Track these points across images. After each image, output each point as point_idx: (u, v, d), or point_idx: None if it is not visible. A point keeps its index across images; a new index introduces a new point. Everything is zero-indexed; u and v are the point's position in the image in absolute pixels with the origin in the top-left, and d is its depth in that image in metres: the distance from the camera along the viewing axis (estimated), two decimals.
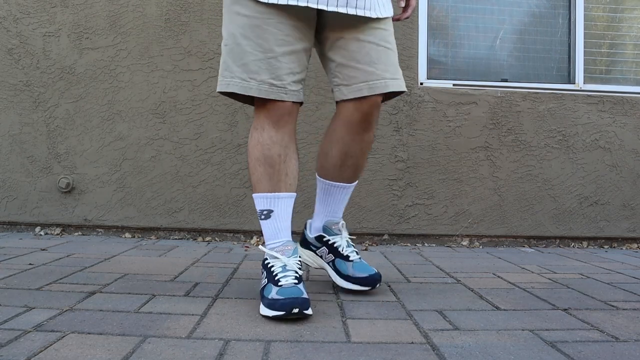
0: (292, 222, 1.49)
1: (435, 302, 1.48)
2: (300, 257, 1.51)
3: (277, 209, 1.42)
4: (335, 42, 1.44)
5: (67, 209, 2.65)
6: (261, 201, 1.42)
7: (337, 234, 1.60)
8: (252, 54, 1.34)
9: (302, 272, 1.40)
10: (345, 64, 1.44)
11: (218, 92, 1.41)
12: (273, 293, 1.29)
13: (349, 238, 1.62)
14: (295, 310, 1.24)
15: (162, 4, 2.65)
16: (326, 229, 1.61)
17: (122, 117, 2.65)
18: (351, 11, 1.36)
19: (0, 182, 2.65)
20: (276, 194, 1.41)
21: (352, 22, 1.42)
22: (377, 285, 1.54)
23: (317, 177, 1.62)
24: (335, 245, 1.59)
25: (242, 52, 1.35)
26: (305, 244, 1.68)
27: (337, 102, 1.51)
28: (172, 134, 2.65)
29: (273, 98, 1.36)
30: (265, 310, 1.29)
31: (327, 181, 1.58)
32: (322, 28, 1.47)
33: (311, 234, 1.65)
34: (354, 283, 1.53)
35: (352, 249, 1.59)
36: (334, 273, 1.58)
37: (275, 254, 1.38)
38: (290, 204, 1.45)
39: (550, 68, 2.92)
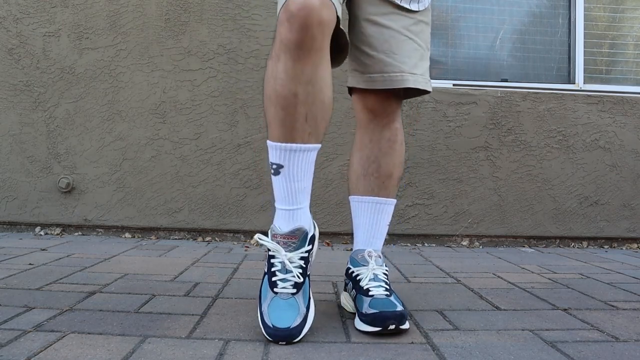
0: (311, 177, 1.20)
1: (435, 302, 1.48)
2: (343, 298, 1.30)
3: (289, 163, 1.13)
4: (356, 21, 1.28)
5: (67, 209, 2.65)
6: (272, 152, 1.14)
7: (362, 265, 1.29)
8: None
9: (296, 273, 1.14)
10: (359, 48, 1.28)
11: None
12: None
13: (385, 271, 1.30)
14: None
15: (162, 4, 2.65)
16: (352, 259, 1.34)
17: (122, 117, 2.65)
18: None
19: (0, 182, 2.65)
20: (288, 144, 1.11)
21: (373, 1, 1.25)
22: (393, 327, 1.13)
23: (349, 197, 1.39)
24: (358, 278, 1.28)
25: None
26: (344, 284, 1.39)
27: (351, 90, 1.34)
28: (172, 134, 2.65)
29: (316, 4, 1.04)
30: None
31: (350, 197, 1.36)
32: (349, 3, 1.28)
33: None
34: (365, 323, 1.16)
35: (379, 283, 1.25)
36: (356, 313, 1.25)
37: (271, 244, 1.14)
38: (310, 159, 1.15)
39: (550, 68, 2.92)
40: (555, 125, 2.77)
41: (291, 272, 1.14)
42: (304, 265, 1.16)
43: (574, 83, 2.87)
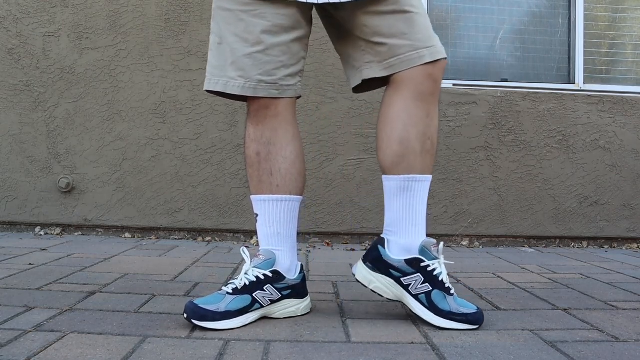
0: (291, 225, 1.32)
1: None
2: (370, 284, 1.27)
3: (261, 212, 1.30)
4: (355, 18, 1.27)
5: (67, 209, 2.65)
6: (253, 203, 1.33)
7: (436, 258, 1.26)
8: (239, 50, 1.23)
9: (242, 282, 1.23)
10: (370, 41, 1.27)
11: (205, 90, 1.32)
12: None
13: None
14: None
15: (162, 4, 2.65)
16: (425, 250, 1.25)
17: (122, 117, 2.65)
18: None
19: (0, 182, 2.65)
20: (258, 196, 1.31)
21: None
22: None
23: (393, 177, 1.29)
24: (435, 273, 1.24)
25: (229, 49, 1.25)
26: (380, 267, 1.27)
27: (392, 77, 1.29)
28: (172, 134, 2.65)
29: (263, 96, 1.25)
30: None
31: (412, 175, 1.28)
32: (335, 8, 1.30)
33: (396, 255, 1.26)
34: (459, 322, 1.21)
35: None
36: (424, 309, 1.24)
37: (245, 255, 1.27)
38: (281, 208, 1.29)
39: (550, 68, 2.92)
40: (555, 125, 2.77)
41: (239, 278, 1.25)
42: (253, 281, 1.24)
43: (574, 83, 2.87)
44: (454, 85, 2.77)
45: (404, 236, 1.28)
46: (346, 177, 2.68)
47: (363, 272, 1.28)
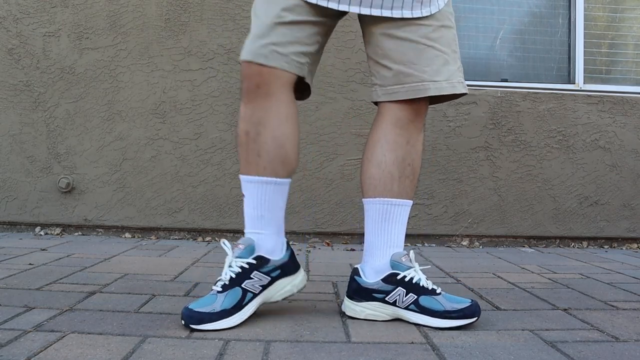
0: (276, 208, 1.30)
1: None
2: (361, 314, 1.29)
3: (247, 193, 1.28)
4: (371, 36, 1.29)
5: (67, 209, 2.65)
6: (241, 183, 1.31)
7: (410, 267, 1.28)
8: (261, 22, 1.23)
9: (228, 276, 1.22)
10: (379, 62, 1.29)
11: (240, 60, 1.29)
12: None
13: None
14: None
15: (162, 4, 2.66)
16: (396, 264, 1.28)
17: (122, 117, 2.65)
18: (365, 11, 1.22)
19: (0, 182, 2.65)
20: (245, 176, 1.29)
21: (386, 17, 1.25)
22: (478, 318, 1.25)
23: (370, 199, 1.32)
24: (414, 281, 1.27)
25: (257, 23, 1.24)
26: (362, 295, 1.29)
27: (377, 103, 1.35)
28: (172, 134, 2.65)
29: (273, 65, 1.21)
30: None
31: (388, 199, 1.30)
32: (361, 19, 1.32)
33: (372, 279, 1.29)
34: (457, 318, 1.23)
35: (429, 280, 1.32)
36: (421, 315, 1.25)
37: (226, 247, 1.26)
38: (266, 191, 1.27)
39: (550, 68, 2.92)
40: (555, 125, 2.77)
41: (224, 272, 1.23)
42: (239, 272, 1.23)
43: (574, 83, 2.87)
44: None
45: (379, 258, 1.31)
46: (346, 177, 2.68)
47: (351, 307, 1.30)
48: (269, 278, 1.26)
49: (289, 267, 1.30)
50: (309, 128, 2.66)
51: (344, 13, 1.29)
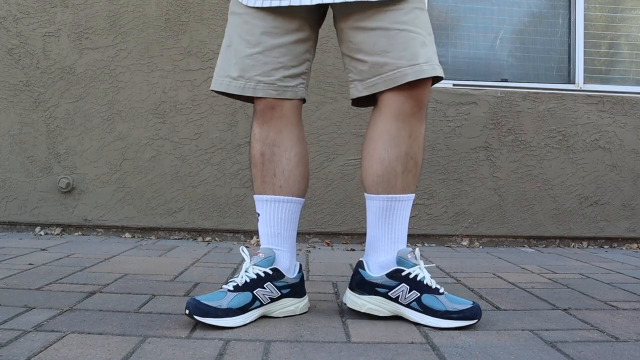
0: (291, 226, 1.33)
1: None
2: (362, 308, 1.28)
3: (263, 212, 1.32)
4: (342, 33, 1.28)
5: (67, 209, 2.65)
6: (255, 203, 1.35)
7: (415, 265, 1.27)
8: (241, 51, 1.27)
9: (243, 280, 1.24)
10: (353, 57, 1.27)
11: (210, 90, 1.35)
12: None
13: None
14: None
15: (162, 4, 2.66)
16: (402, 260, 1.28)
17: (122, 117, 2.65)
18: None
19: (0, 182, 2.65)
20: (260, 196, 1.32)
21: (356, 8, 1.23)
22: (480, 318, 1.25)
23: (373, 195, 1.31)
24: (418, 278, 1.26)
25: (234, 51, 1.28)
26: (365, 288, 1.28)
27: (377, 96, 1.30)
28: (172, 134, 2.65)
29: (261, 96, 1.27)
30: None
31: (392, 195, 1.28)
32: (334, 18, 1.31)
33: (376, 273, 1.29)
34: (457, 319, 1.22)
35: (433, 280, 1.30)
36: (420, 314, 1.25)
37: (244, 253, 1.28)
38: (282, 209, 1.30)
39: (550, 68, 2.92)
40: (555, 125, 2.77)
41: (240, 276, 1.25)
42: (254, 279, 1.25)
43: (574, 83, 2.87)
44: (454, 85, 2.77)
45: (383, 253, 1.30)
46: (346, 177, 2.68)
47: (352, 299, 1.30)
48: (279, 293, 1.28)
49: (299, 289, 1.32)
50: (309, 128, 2.66)
51: (321, 19, 1.32)
